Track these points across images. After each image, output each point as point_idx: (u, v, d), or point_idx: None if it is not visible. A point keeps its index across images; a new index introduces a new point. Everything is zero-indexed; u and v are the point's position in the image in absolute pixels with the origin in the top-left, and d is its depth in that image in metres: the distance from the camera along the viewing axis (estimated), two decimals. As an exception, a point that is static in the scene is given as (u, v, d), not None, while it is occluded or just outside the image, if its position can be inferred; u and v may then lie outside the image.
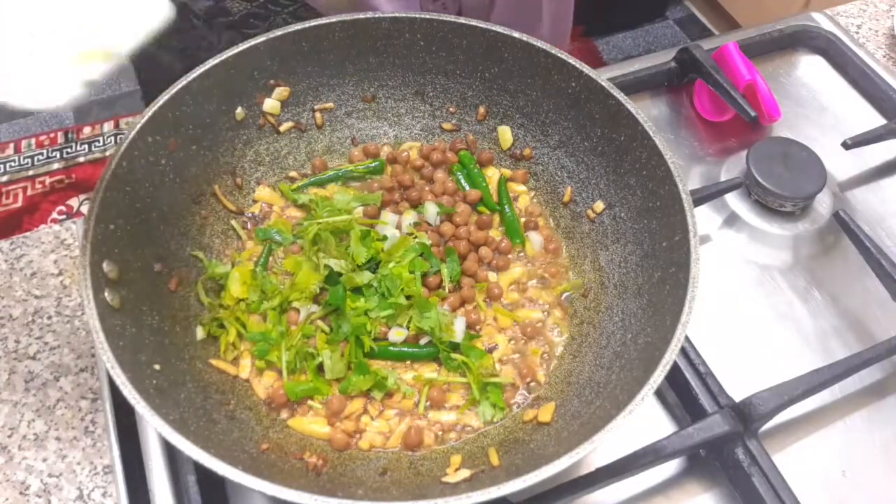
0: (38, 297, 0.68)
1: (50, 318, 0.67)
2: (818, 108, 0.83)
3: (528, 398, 0.59)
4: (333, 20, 0.64)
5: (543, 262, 0.66)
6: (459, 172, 0.69)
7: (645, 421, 0.60)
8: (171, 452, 0.56)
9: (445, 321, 0.59)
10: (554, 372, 0.60)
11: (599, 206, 0.65)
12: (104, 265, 0.52)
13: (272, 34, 0.63)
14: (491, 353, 0.60)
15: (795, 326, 0.66)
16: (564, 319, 0.63)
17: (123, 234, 0.55)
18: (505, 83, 0.68)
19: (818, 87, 0.85)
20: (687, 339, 0.61)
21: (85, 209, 1.92)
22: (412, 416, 0.57)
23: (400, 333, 0.59)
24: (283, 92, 0.67)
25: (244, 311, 0.60)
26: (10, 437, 0.60)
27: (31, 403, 0.62)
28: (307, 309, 0.60)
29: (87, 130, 2.11)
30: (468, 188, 0.69)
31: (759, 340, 0.66)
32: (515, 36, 0.64)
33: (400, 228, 0.65)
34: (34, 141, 2.09)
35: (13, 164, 2.04)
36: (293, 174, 0.70)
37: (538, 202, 0.69)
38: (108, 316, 0.50)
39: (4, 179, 2.00)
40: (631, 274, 0.60)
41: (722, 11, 2.25)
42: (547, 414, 0.55)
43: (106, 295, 0.51)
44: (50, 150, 2.07)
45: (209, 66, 0.61)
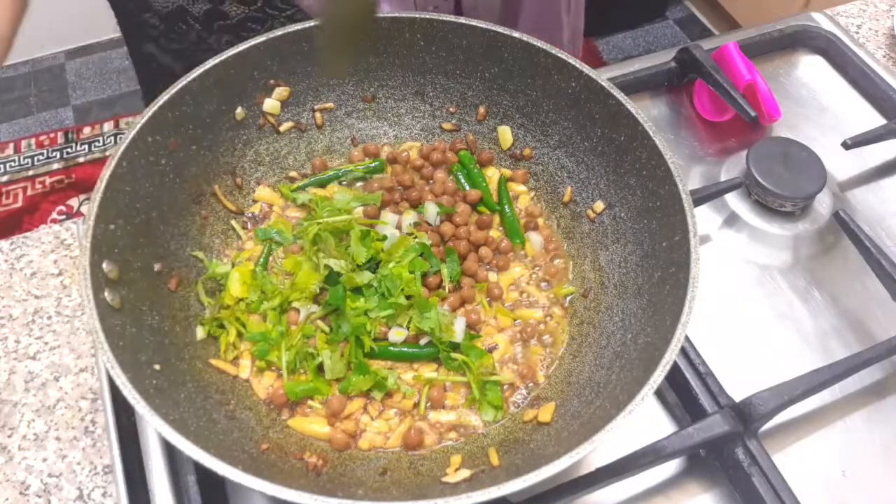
0: (38, 297, 0.68)
1: (50, 318, 0.67)
2: (818, 108, 0.83)
3: (528, 398, 0.59)
4: (333, 20, 0.64)
5: (543, 262, 0.66)
6: (459, 172, 0.69)
7: (645, 421, 0.60)
8: (171, 452, 0.56)
9: (445, 321, 0.59)
10: (554, 372, 0.60)
11: (599, 206, 0.65)
12: (104, 265, 0.52)
13: (272, 34, 0.63)
14: (491, 353, 0.60)
15: (795, 326, 0.66)
16: (564, 319, 0.63)
17: (123, 234, 0.55)
18: (505, 83, 0.68)
19: (818, 87, 0.85)
20: (687, 339, 0.61)
21: (85, 209, 1.93)
22: (412, 416, 0.57)
23: (400, 333, 0.59)
24: (283, 92, 0.67)
25: (244, 311, 0.60)
26: (10, 437, 0.60)
27: (31, 403, 0.62)
28: (307, 309, 0.60)
29: (87, 130, 2.12)
30: (468, 188, 0.69)
31: (759, 340, 0.66)
32: (515, 36, 0.63)
33: (400, 228, 0.65)
34: (34, 141, 2.09)
35: (13, 164, 2.04)
36: (293, 174, 0.70)
37: (538, 202, 0.69)
38: (108, 316, 0.50)
39: (4, 179, 2.01)
40: (631, 274, 0.60)
41: (722, 11, 2.25)
42: (547, 414, 0.55)
43: (106, 295, 0.51)
44: (50, 150, 2.07)
45: (209, 66, 0.61)
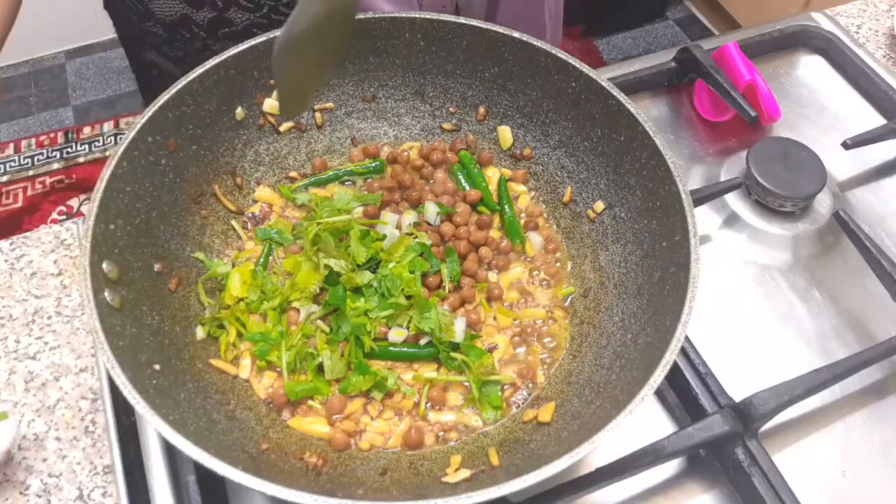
0: (38, 297, 0.68)
1: (50, 318, 0.67)
2: (818, 108, 0.83)
3: (528, 398, 0.59)
4: (333, 20, 0.64)
5: (543, 262, 0.66)
6: (459, 172, 0.69)
7: (645, 421, 0.60)
8: (171, 452, 0.56)
9: (445, 321, 0.59)
10: (554, 372, 0.60)
11: (599, 206, 0.65)
12: (104, 265, 0.52)
13: (272, 34, 0.63)
14: (491, 352, 0.60)
15: (795, 326, 0.66)
16: (565, 319, 0.63)
17: (123, 234, 0.55)
18: (505, 83, 0.68)
19: (818, 87, 0.85)
20: (687, 339, 0.61)
21: (85, 209, 1.92)
22: (412, 416, 0.57)
23: (400, 334, 0.59)
24: (283, 92, 0.67)
25: (244, 311, 0.60)
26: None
27: (31, 403, 0.62)
28: (307, 309, 0.60)
29: (87, 130, 2.12)
30: (468, 188, 0.69)
31: (759, 340, 0.66)
32: (515, 36, 0.64)
33: (400, 228, 0.65)
34: (34, 141, 2.09)
35: (13, 164, 2.04)
36: (293, 174, 0.70)
37: (538, 202, 0.69)
38: (108, 316, 0.50)
39: (4, 179, 2.01)
40: (631, 274, 0.60)
41: (722, 11, 2.25)
42: (547, 414, 0.55)
43: (106, 295, 0.51)
44: (50, 150, 2.07)
45: (209, 66, 0.61)
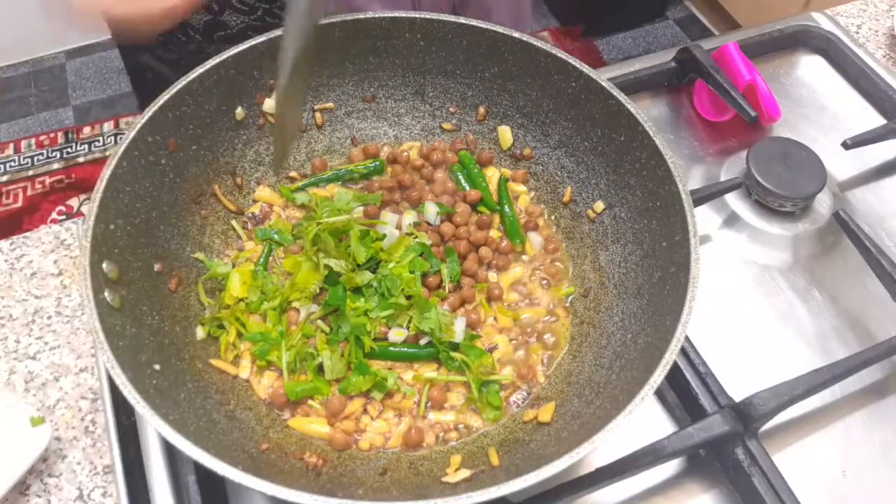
0: (38, 297, 0.68)
1: (50, 318, 0.67)
2: (818, 108, 0.83)
3: (527, 398, 0.59)
4: (334, 20, 0.64)
5: (543, 262, 0.66)
6: (459, 172, 0.69)
7: (645, 421, 0.60)
8: (171, 452, 0.56)
9: (445, 321, 0.59)
10: (554, 372, 0.60)
11: (599, 206, 0.65)
12: (104, 265, 0.52)
13: (272, 34, 0.63)
14: (491, 353, 0.60)
15: (795, 326, 0.66)
16: (566, 319, 0.63)
17: (123, 234, 0.55)
18: (505, 83, 0.68)
19: (818, 87, 0.85)
20: (687, 339, 0.61)
21: (85, 209, 1.92)
22: (412, 416, 0.57)
23: (400, 334, 0.59)
24: (282, 92, 0.67)
25: (244, 311, 0.60)
26: (10, 437, 0.60)
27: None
28: (307, 309, 0.60)
29: (87, 130, 2.11)
30: (468, 188, 0.68)
31: (759, 340, 0.66)
32: (516, 36, 0.63)
33: (400, 228, 0.65)
34: (34, 141, 2.09)
35: (13, 164, 2.04)
36: (293, 174, 0.70)
37: (538, 202, 0.69)
38: (108, 316, 0.50)
39: (4, 179, 2.00)
40: (631, 274, 0.60)
41: (722, 11, 2.25)
42: (547, 414, 0.55)
43: (106, 295, 0.51)
44: (50, 150, 2.07)
45: (209, 66, 0.61)
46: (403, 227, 0.65)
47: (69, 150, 2.07)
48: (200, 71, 0.60)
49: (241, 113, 0.65)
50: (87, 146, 2.08)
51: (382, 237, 0.63)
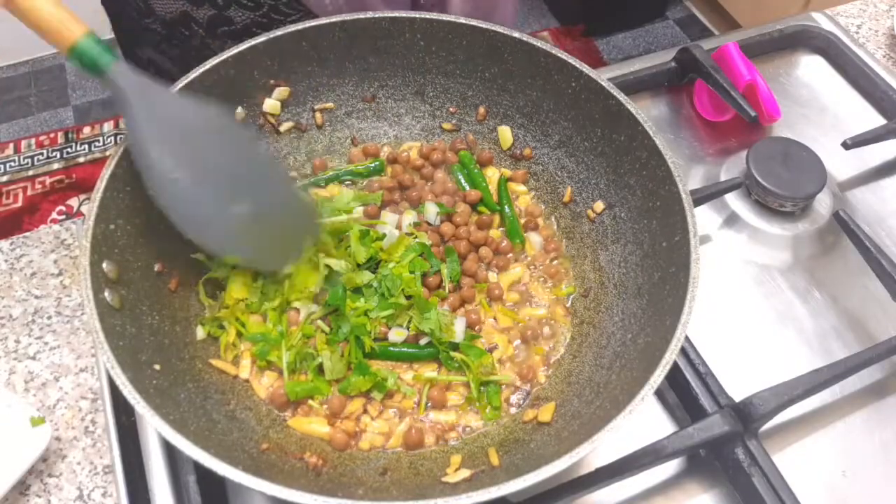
0: (38, 297, 0.68)
1: (50, 318, 0.67)
2: (818, 108, 0.83)
3: (527, 398, 0.59)
4: (334, 20, 0.64)
5: (543, 262, 0.66)
6: (459, 172, 0.69)
7: (645, 421, 0.60)
8: (171, 452, 0.56)
9: (445, 321, 0.59)
10: (554, 372, 0.60)
11: (599, 206, 0.65)
12: (104, 265, 0.52)
13: (272, 34, 0.63)
14: (491, 353, 0.60)
15: (795, 326, 0.66)
16: (566, 319, 0.63)
17: (123, 233, 0.55)
18: (505, 83, 0.68)
19: (818, 87, 0.85)
20: (687, 339, 0.61)
21: (85, 209, 1.92)
22: (412, 416, 0.57)
23: (400, 334, 0.59)
24: (283, 92, 0.67)
25: (244, 311, 0.60)
26: (10, 437, 0.60)
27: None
28: (307, 309, 0.60)
29: (87, 130, 2.12)
30: (468, 188, 0.68)
31: (759, 340, 0.66)
32: (516, 36, 0.63)
33: (400, 228, 0.65)
34: (34, 141, 2.09)
35: (13, 164, 2.04)
36: (293, 174, 0.70)
37: (538, 202, 0.69)
38: (107, 316, 0.49)
39: (4, 179, 2.01)
40: (631, 274, 0.60)
41: (722, 11, 2.25)
42: (547, 414, 0.55)
43: (106, 295, 0.51)
44: (50, 150, 2.07)
45: (209, 65, 0.61)
46: (403, 226, 0.65)
47: (69, 150, 2.07)
48: (200, 70, 0.60)
49: (240, 113, 0.65)
50: (87, 146, 2.08)
51: (382, 237, 0.63)
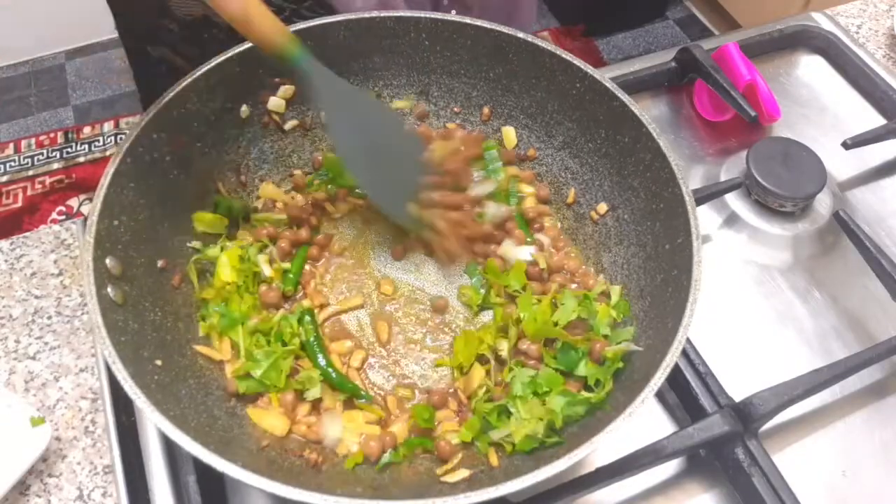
0: (38, 297, 0.68)
1: (50, 318, 0.67)
2: (818, 108, 0.83)
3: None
4: (339, 19, 0.64)
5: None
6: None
7: (645, 421, 0.60)
8: (171, 452, 0.55)
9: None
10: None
11: (603, 207, 0.65)
12: (107, 261, 0.52)
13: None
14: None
15: (795, 326, 0.66)
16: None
17: (127, 230, 0.55)
18: (509, 83, 0.67)
19: (818, 87, 0.85)
20: (687, 339, 0.61)
21: (85, 209, 1.92)
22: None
23: None
24: (287, 90, 0.67)
25: (232, 292, 0.60)
26: (10, 435, 0.60)
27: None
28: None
29: (87, 130, 2.11)
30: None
31: (759, 340, 0.66)
32: (520, 36, 0.63)
33: None
34: (34, 141, 2.08)
35: (13, 164, 2.04)
36: (297, 172, 0.70)
37: (542, 203, 0.69)
38: (110, 311, 0.49)
39: (4, 179, 2.00)
40: (633, 276, 0.60)
41: (722, 11, 2.25)
42: (547, 414, 0.55)
43: (108, 290, 0.51)
44: (50, 150, 2.07)
45: (214, 63, 0.60)
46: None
47: (69, 150, 2.07)
48: (205, 68, 0.60)
49: (245, 111, 0.65)
50: (87, 146, 2.08)
51: None
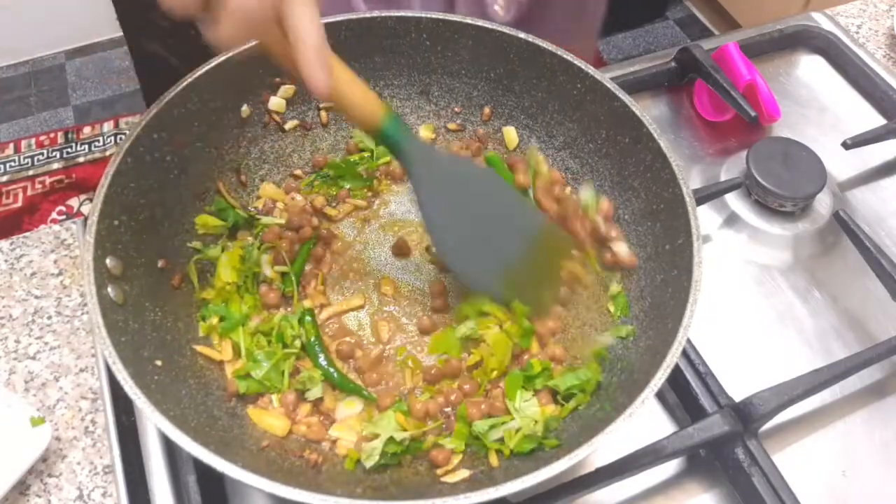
0: (38, 297, 0.68)
1: (50, 318, 0.67)
2: (818, 108, 0.83)
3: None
4: (340, 19, 0.64)
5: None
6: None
7: (645, 421, 0.60)
8: (171, 452, 0.55)
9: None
10: (555, 371, 0.60)
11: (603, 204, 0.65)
12: (108, 261, 0.52)
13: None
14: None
15: (795, 326, 0.66)
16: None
17: (127, 229, 0.55)
18: (510, 84, 0.67)
19: (818, 87, 0.85)
20: (687, 339, 0.61)
21: (85, 209, 1.92)
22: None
23: None
24: (288, 90, 0.67)
25: (232, 292, 0.60)
26: (10, 435, 0.60)
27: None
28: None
29: (87, 130, 2.11)
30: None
31: (759, 340, 0.66)
32: (521, 37, 0.63)
33: None
34: (34, 141, 2.09)
35: (13, 164, 2.04)
36: (298, 172, 0.69)
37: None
38: (110, 311, 0.49)
39: (4, 179, 2.00)
40: (633, 276, 0.60)
41: (722, 11, 2.26)
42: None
43: (109, 290, 0.50)
44: (50, 150, 2.07)
45: (215, 63, 0.60)
46: None
47: (69, 150, 2.07)
48: (206, 68, 0.60)
49: (246, 110, 0.65)
50: (87, 146, 2.08)
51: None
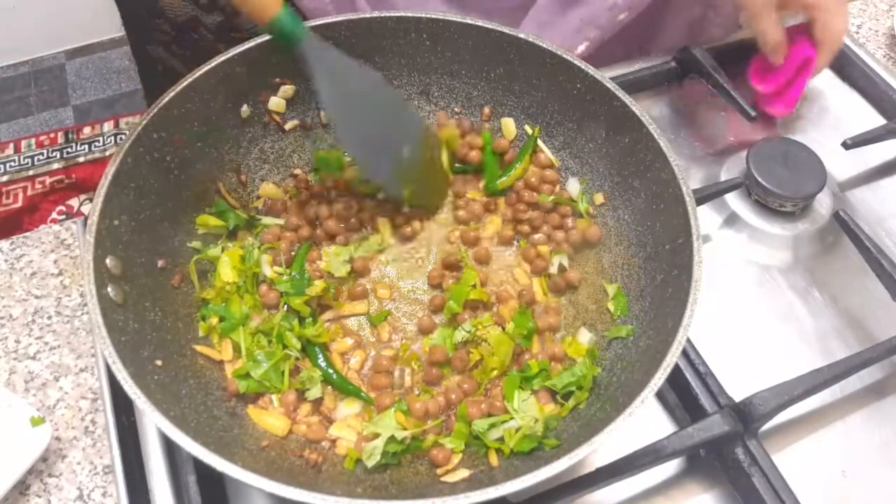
0: (38, 297, 0.68)
1: (50, 318, 0.67)
2: (818, 108, 0.83)
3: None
4: (339, 19, 0.64)
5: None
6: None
7: (645, 421, 0.60)
8: (171, 452, 0.55)
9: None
10: (555, 371, 0.60)
11: (599, 198, 0.65)
12: (108, 261, 0.52)
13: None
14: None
15: (795, 326, 0.66)
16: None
17: (127, 229, 0.55)
18: (510, 84, 0.67)
19: (818, 87, 0.85)
20: (687, 339, 0.61)
21: (85, 209, 1.92)
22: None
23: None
24: (288, 90, 0.67)
25: (231, 292, 0.60)
26: (10, 435, 0.60)
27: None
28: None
29: (87, 130, 2.11)
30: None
31: (759, 340, 0.66)
32: (521, 36, 0.63)
33: None
34: (34, 141, 2.09)
35: (13, 164, 2.04)
36: (297, 172, 0.70)
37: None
38: (110, 311, 0.49)
39: (4, 179, 2.00)
40: (634, 276, 0.60)
41: (721, 14, 2.25)
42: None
43: (109, 290, 0.51)
44: (50, 150, 2.07)
45: (215, 63, 0.60)
46: None
47: (69, 150, 2.07)
48: (206, 68, 0.60)
49: (246, 111, 0.65)
50: (87, 146, 2.08)
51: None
